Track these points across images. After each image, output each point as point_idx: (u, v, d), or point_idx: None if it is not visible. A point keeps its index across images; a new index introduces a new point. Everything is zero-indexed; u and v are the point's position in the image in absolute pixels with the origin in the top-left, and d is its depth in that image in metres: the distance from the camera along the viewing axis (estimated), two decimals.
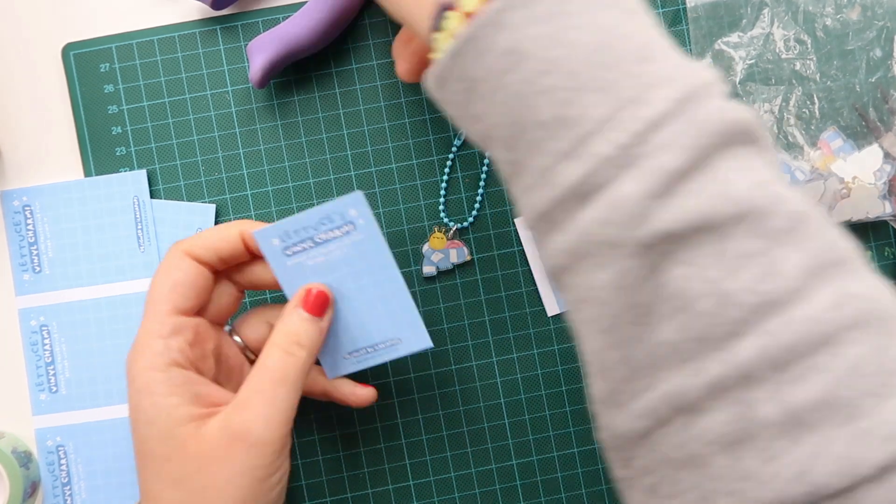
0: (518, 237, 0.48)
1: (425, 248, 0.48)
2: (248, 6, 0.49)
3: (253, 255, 0.40)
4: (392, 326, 0.40)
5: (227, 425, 0.36)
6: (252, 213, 0.48)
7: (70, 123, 0.48)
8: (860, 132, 0.47)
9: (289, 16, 0.48)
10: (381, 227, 0.48)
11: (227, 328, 0.43)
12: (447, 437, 0.48)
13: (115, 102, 0.48)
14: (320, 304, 0.39)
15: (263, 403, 0.36)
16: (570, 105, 0.27)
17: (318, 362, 0.42)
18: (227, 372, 0.41)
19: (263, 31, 0.48)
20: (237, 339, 0.42)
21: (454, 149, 0.48)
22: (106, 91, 0.48)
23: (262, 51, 0.45)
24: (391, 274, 0.39)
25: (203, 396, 0.37)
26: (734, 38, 0.47)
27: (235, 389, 0.40)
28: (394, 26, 0.48)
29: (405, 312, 0.40)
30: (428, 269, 0.48)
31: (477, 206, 0.48)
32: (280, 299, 0.48)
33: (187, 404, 0.36)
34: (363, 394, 0.42)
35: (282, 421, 0.36)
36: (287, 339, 0.38)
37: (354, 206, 0.38)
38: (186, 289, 0.38)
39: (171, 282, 0.38)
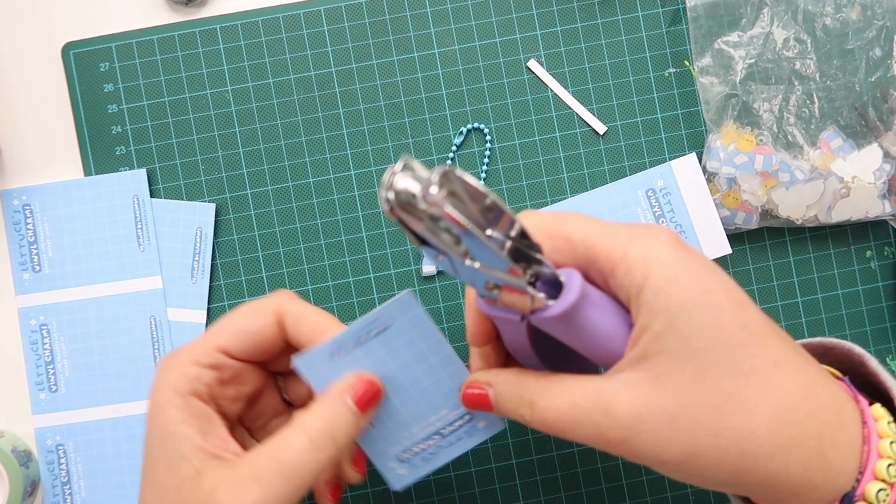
0: None
1: None
2: (247, 5, 0.49)
3: None
4: (458, 404, 0.36)
5: (214, 489, 0.32)
6: (251, 211, 0.48)
7: (70, 122, 0.48)
8: (860, 131, 0.47)
9: (288, 15, 0.48)
10: (381, 226, 0.48)
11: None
12: None
13: (115, 101, 0.48)
14: (370, 398, 0.34)
15: (257, 495, 0.31)
16: None
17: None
18: (255, 417, 0.39)
19: (263, 32, 0.48)
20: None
21: (454, 148, 0.48)
22: (106, 90, 0.48)
23: None
24: (444, 355, 0.35)
25: (213, 437, 0.34)
26: (734, 37, 0.47)
27: (259, 439, 0.38)
28: None
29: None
30: (427, 269, 0.48)
31: None
32: None
33: (199, 437, 0.34)
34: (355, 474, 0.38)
35: None
36: (320, 426, 0.32)
37: (403, 311, 0.34)
38: (248, 343, 0.35)
39: (242, 327, 0.35)
